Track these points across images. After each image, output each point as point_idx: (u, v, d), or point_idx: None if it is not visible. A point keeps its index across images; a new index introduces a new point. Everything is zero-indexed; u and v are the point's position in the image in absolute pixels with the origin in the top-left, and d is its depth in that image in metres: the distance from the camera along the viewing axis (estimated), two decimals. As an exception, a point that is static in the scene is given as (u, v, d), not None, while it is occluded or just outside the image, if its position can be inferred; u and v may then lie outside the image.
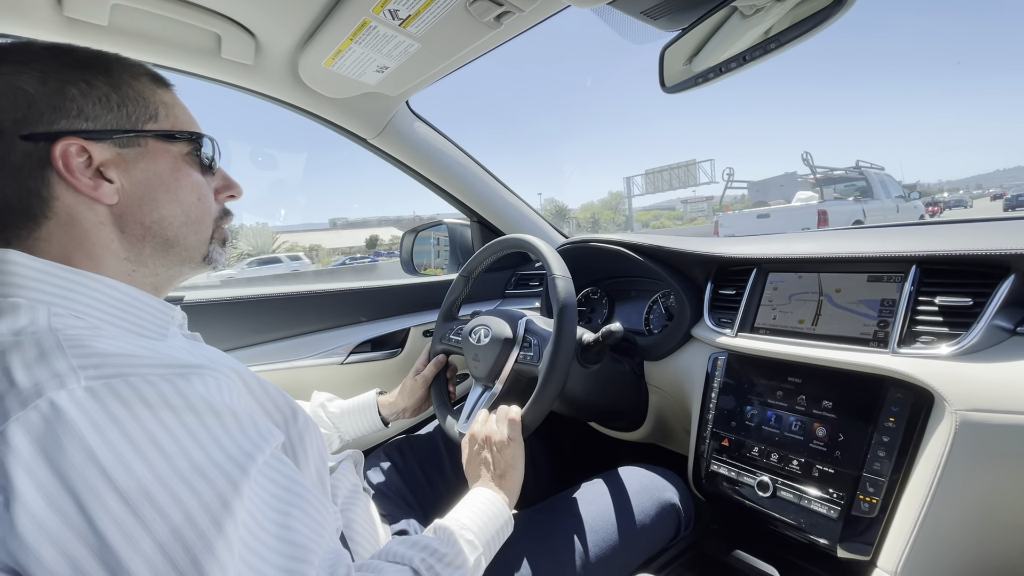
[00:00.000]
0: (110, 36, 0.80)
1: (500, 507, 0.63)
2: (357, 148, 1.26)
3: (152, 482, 0.33)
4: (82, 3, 0.73)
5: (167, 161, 0.49)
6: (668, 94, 0.82)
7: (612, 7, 0.76)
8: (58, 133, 0.43)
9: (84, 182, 0.44)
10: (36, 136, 0.42)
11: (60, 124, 0.43)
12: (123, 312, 0.45)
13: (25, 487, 0.31)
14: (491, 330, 0.87)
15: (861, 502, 0.67)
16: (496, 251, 0.97)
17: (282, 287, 1.27)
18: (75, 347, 0.37)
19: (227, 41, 0.86)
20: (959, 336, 0.64)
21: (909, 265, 0.71)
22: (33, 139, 0.42)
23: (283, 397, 0.49)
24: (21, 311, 0.39)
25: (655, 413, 1.07)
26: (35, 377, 0.35)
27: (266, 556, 0.37)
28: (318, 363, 1.19)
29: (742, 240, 1.03)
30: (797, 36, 0.63)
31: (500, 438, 0.70)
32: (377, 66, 0.93)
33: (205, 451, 0.36)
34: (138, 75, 0.48)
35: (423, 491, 0.92)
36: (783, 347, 0.80)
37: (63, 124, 0.43)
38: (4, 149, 0.42)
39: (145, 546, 0.32)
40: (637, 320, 1.17)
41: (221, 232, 0.55)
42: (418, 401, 0.94)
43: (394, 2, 0.74)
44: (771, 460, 0.78)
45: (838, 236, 0.91)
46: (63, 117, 0.43)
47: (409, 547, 0.52)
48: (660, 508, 0.79)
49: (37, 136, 0.42)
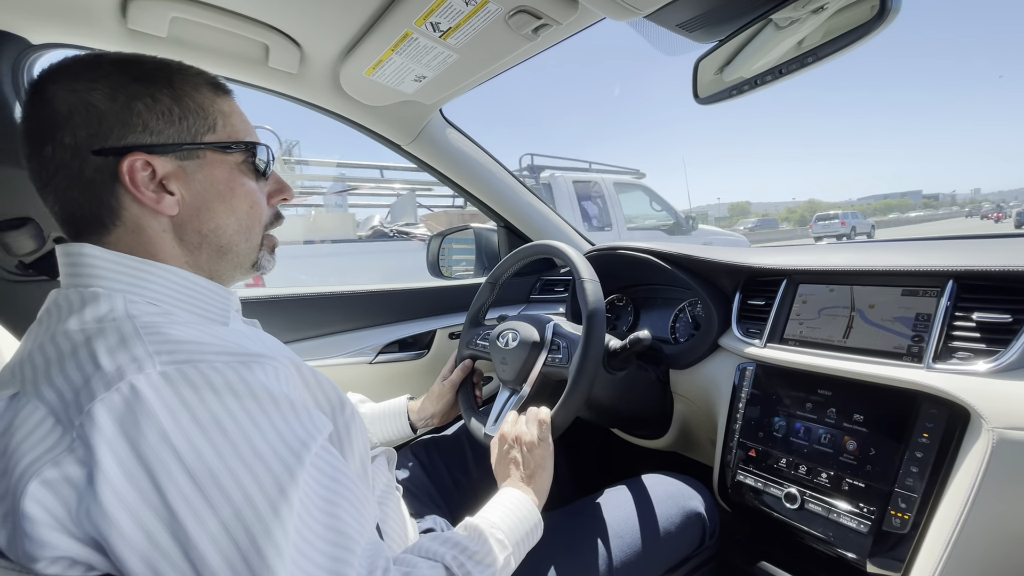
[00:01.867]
0: (168, 46, 0.85)
1: (530, 509, 0.64)
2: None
3: (217, 464, 0.36)
4: (144, 16, 0.78)
5: (223, 171, 0.51)
6: (701, 105, 0.83)
7: (647, 20, 0.77)
8: (126, 148, 0.45)
9: (148, 195, 0.46)
10: (106, 151, 0.45)
11: (128, 139, 0.45)
12: (189, 297, 0.48)
13: (108, 462, 0.34)
14: (519, 334, 0.89)
15: (892, 517, 0.67)
16: (523, 257, 0.99)
17: (314, 287, 1.31)
18: (151, 333, 0.40)
19: (274, 51, 0.90)
20: (997, 353, 0.64)
21: (946, 280, 0.71)
22: (103, 153, 0.45)
23: (333, 387, 0.51)
24: (101, 300, 0.43)
25: (680, 422, 1.07)
26: (117, 361, 0.38)
27: (314, 543, 0.39)
28: (348, 362, 1.22)
29: (772, 250, 1.02)
30: (836, 49, 0.64)
31: (530, 438, 0.72)
32: (415, 76, 0.96)
33: (265, 437, 0.39)
34: (199, 85, 0.51)
35: (448, 490, 0.94)
36: (813, 359, 0.79)
37: (130, 139, 0.45)
38: (78, 163, 0.45)
39: (211, 524, 0.35)
40: (663, 328, 1.17)
41: (270, 239, 0.58)
42: (446, 406, 0.96)
43: (436, 15, 0.77)
44: (799, 472, 0.78)
45: (871, 249, 0.90)
46: (130, 132, 0.45)
47: (441, 544, 0.53)
48: (685, 517, 0.79)
49: (107, 151, 0.45)
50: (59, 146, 0.44)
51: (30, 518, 0.34)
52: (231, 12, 0.82)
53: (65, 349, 0.40)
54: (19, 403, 0.38)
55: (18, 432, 0.37)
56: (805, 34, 0.71)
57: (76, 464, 0.35)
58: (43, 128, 0.45)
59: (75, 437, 0.35)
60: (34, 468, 0.35)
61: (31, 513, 0.34)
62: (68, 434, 0.35)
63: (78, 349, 0.39)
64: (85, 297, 0.43)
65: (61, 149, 0.44)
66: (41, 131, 0.45)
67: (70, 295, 0.44)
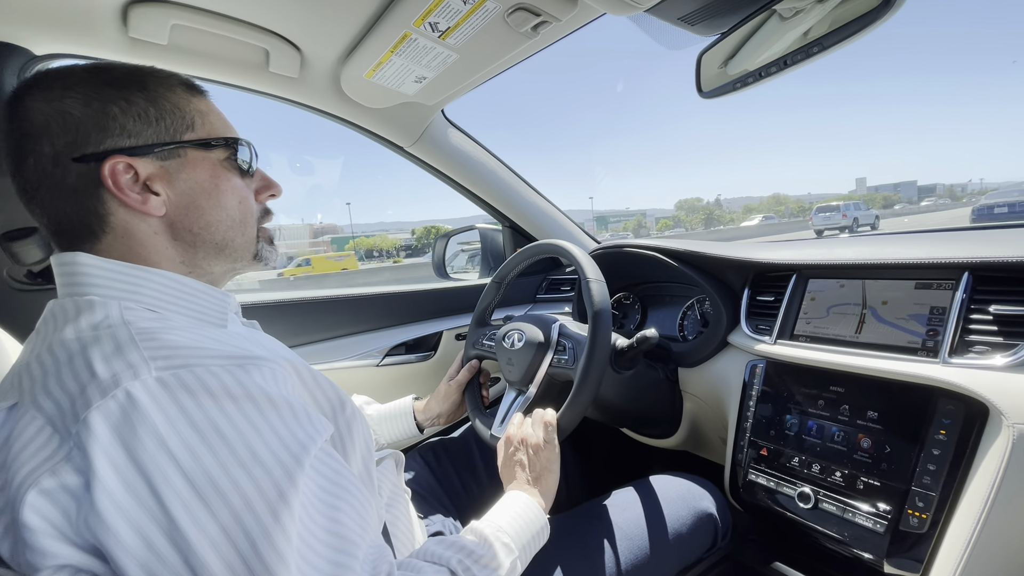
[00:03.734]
0: (169, 54, 0.85)
1: (536, 512, 0.63)
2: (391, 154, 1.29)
3: (215, 469, 0.36)
4: (145, 25, 0.78)
5: (206, 168, 0.51)
6: (705, 99, 0.82)
7: (648, 14, 0.76)
8: (105, 152, 0.45)
9: (133, 197, 0.46)
10: (87, 157, 0.45)
11: (107, 143, 0.45)
12: (185, 301, 0.48)
13: (104, 470, 0.34)
14: (525, 335, 0.88)
15: (910, 517, 0.65)
16: (529, 256, 0.98)
17: (319, 291, 1.31)
18: (146, 339, 0.40)
19: (275, 56, 0.90)
20: (1016, 346, 0.62)
21: (961, 272, 0.69)
22: (84, 160, 0.45)
23: (332, 387, 0.51)
24: (96, 307, 0.43)
25: (689, 420, 1.05)
26: (113, 368, 0.37)
27: (315, 547, 0.38)
28: (355, 364, 1.22)
29: (781, 245, 1.01)
30: (842, 39, 0.62)
31: (536, 441, 0.71)
32: (416, 77, 0.95)
33: (263, 440, 0.38)
34: (172, 86, 0.50)
35: (457, 492, 0.93)
36: (825, 355, 0.78)
37: (109, 143, 0.45)
38: (60, 172, 0.45)
39: (211, 529, 0.35)
40: (671, 326, 1.16)
41: (266, 232, 0.57)
42: (452, 406, 0.95)
43: (434, 15, 0.76)
44: (812, 471, 0.76)
45: (882, 241, 0.88)
46: (108, 136, 0.45)
47: (446, 548, 0.53)
48: (697, 517, 0.78)
49: (87, 157, 0.45)
50: (40, 157, 0.44)
51: (30, 528, 0.34)
52: (231, 18, 0.82)
53: (61, 358, 0.40)
54: (18, 414, 0.38)
55: (16, 443, 0.37)
56: (811, 24, 0.69)
57: (73, 472, 0.35)
58: (22, 141, 0.45)
59: (72, 446, 0.35)
60: (32, 478, 0.35)
61: (30, 523, 0.34)
62: (65, 443, 0.35)
63: (74, 358, 0.39)
64: (80, 305, 0.43)
65: (42, 160, 0.44)
66: (21, 144, 0.45)
67: (66, 304, 0.44)
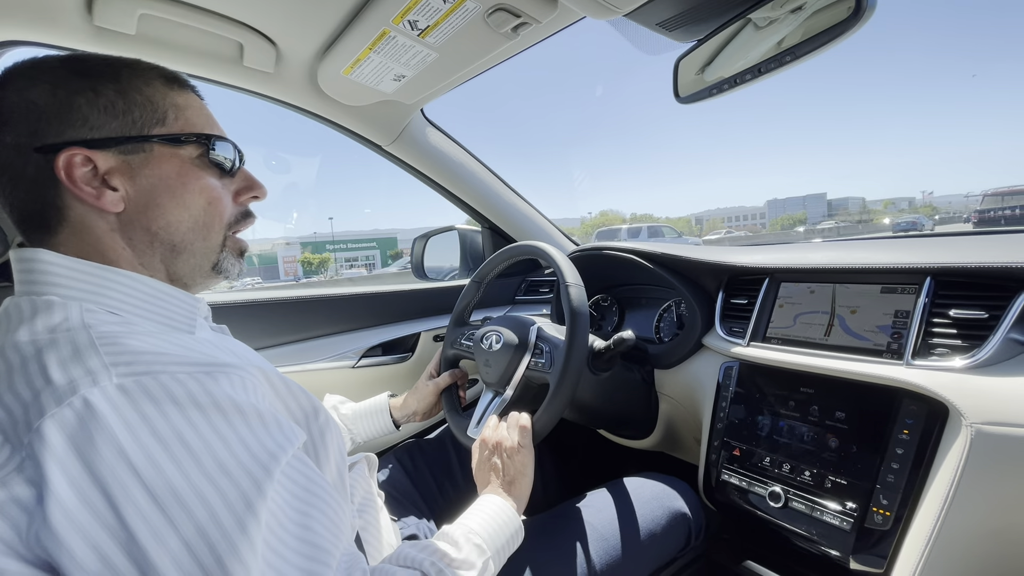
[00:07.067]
0: (137, 45, 0.82)
1: (510, 515, 0.63)
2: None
3: (179, 480, 0.34)
4: (111, 13, 0.75)
5: (174, 165, 0.48)
6: (682, 104, 0.83)
7: (627, 19, 0.77)
8: (63, 144, 0.43)
9: (87, 191, 0.44)
10: (46, 148, 0.43)
11: (66, 135, 0.44)
12: (152, 305, 0.46)
13: (58, 482, 0.32)
14: (503, 336, 0.88)
15: (875, 514, 0.67)
16: (508, 258, 0.98)
17: (294, 291, 1.29)
18: (107, 344, 0.38)
19: (249, 50, 0.88)
20: (974, 349, 0.64)
21: (924, 277, 0.71)
22: (43, 151, 0.43)
23: (305, 395, 0.50)
24: (55, 308, 0.41)
25: (665, 421, 1.07)
26: (70, 374, 0.36)
27: (287, 556, 0.37)
28: (330, 366, 1.20)
29: (755, 249, 1.03)
30: (813, 48, 0.64)
31: (510, 444, 0.71)
32: (394, 75, 0.94)
33: (230, 450, 0.37)
34: (150, 79, 0.48)
35: (433, 495, 0.92)
36: (795, 357, 0.80)
37: (69, 135, 0.44)
38: (22, 162, 0.43)
39: (172, 543, 0.33)
40: (647, 328, 1.17)
41: (235, 241, 0.54)
42: (429, 405, 0.95)
43: (413, 13, 0.75)
44: (783, 470, 0.78)
45: (852, 247, 0.91)
46: (69, 128, 0.44)
47: (419, 551, 0.52)
48: (671, 517, 0.79)
49: (46, 148, 0.43)
50: (3, 147, 0.44)
51: None
52: (202, 9, 0.79)
53: (14, 362, 0.37)
54: None
55: None
56: (784, 33, 0.71)
57: (25, 484, 0.33)
58: None
59: (24, 456, 0.33)
60: None
61: None
62: (17, 453, 0.33)
63: (27, 362, 0.37)
64: (37, 306, 0.41)
65: (5, 150, 0.44)
66: None
67: (21, 303, 0.42)
